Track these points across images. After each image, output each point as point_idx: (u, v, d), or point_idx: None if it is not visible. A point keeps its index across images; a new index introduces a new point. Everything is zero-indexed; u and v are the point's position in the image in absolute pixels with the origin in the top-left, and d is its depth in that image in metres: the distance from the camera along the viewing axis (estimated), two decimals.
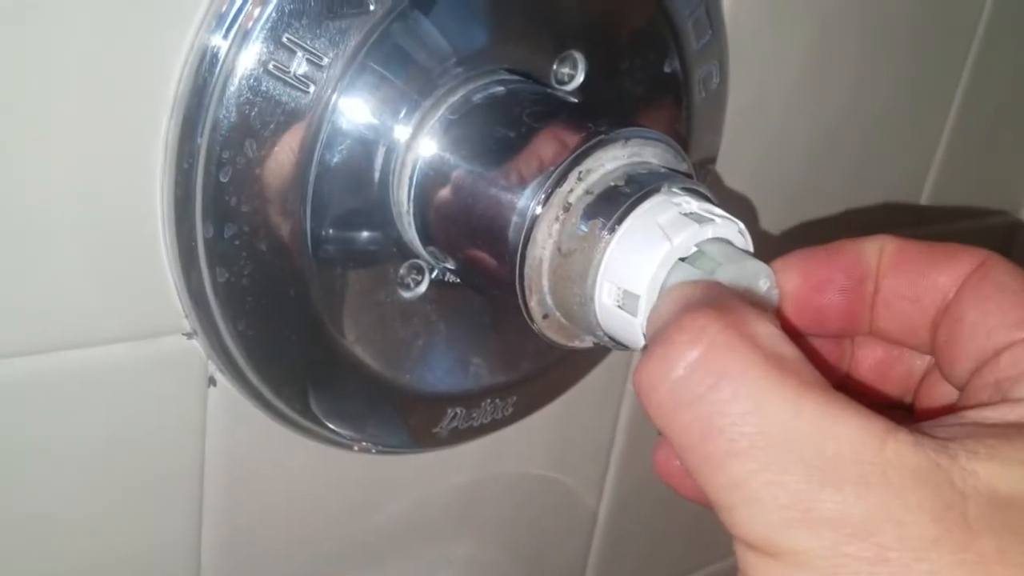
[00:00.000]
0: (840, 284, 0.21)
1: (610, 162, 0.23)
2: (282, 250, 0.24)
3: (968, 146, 0.47)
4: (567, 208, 0.23)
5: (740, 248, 0.21)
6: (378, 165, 0.26)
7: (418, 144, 0.26)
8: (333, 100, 0.23)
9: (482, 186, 0.25)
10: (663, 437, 0.17)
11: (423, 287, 0.28)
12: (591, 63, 0.28)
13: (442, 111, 0.26)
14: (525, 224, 0.23)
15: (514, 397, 0.32)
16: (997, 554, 0.14)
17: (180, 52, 0.23)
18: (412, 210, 0.26)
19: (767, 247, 0.22)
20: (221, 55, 0.22)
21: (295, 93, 0.23)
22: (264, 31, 0.22)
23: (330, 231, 0.25)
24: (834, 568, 0.14)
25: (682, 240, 0.20)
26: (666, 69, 0.30)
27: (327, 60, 0.23)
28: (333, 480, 0.31)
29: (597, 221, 0.22)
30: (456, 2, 0.25)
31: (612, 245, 0.21)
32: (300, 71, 0.22)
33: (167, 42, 0.23)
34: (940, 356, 0.20)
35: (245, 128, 0.22)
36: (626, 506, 0.42)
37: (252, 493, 0.30)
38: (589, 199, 0.22)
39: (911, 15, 0.41)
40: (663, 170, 0.23)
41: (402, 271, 0.28)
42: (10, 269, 0.23)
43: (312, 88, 0.23)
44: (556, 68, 0.28)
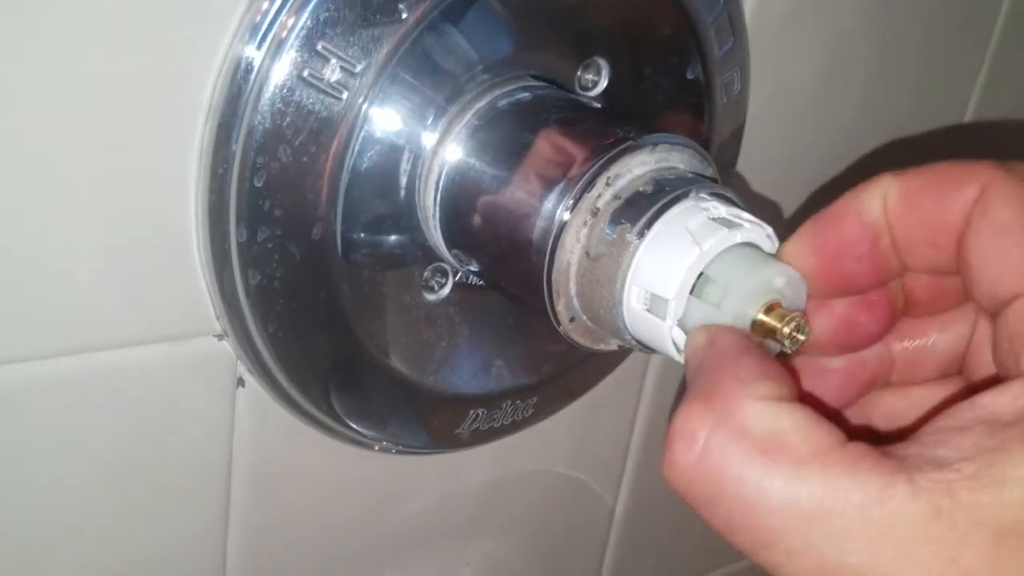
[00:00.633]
0: (855, 252, 0.20)
1: (638, 167, 0.23)
2: (313, 253, 0.25)
3: (984, 149, 0.48)
4: (595, 213, 0.23)
5: (755, 250, 0.21)
6: (405, 170, 0.26)
7: (445, 149, 0.26)
8: (364, 107, 0.24)
9: (508, 191, 0.25)
10: None
11: (447, 290, 0.29)
12: (615, 69, 0.29)
13: (469, 117, 0.26)
14: (553, 229, 0.23)
15: (535, 399, 0.33)
16: None
17: (214, 62, 0.23)
18: (438, 214, 0.27)
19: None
20: (255, 64, 0.23)
21: (328, 100, 0.23)
22: (299, 39, 0.22)
23: (360, 235, 0.26)
24: None
25: (711, 245, 0.21)
26: (689, 75, 0.30)
27: (360, 67, 0.23)
28: (357, 480, 0.32)
29: (625, 226, 0.22)
30: (484, 10, 0.26)
31: (641, 250, 0.22)
32: (334, 78, 0.23)
33: (201, 52, 0.23)
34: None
35: (279, 134, 0.23)
36: (643, 506, 0.42)
37: (277, 492, 0.30)
38: (617, 204, 0.23)
39: (927, 21, 0.41)
40: (691, 175, 0.23)
41: (427, 274, 0.28)
42: (45, 271, 0.23)
43: (345, 95, 0.23)
44: (580, 74, 0.28)
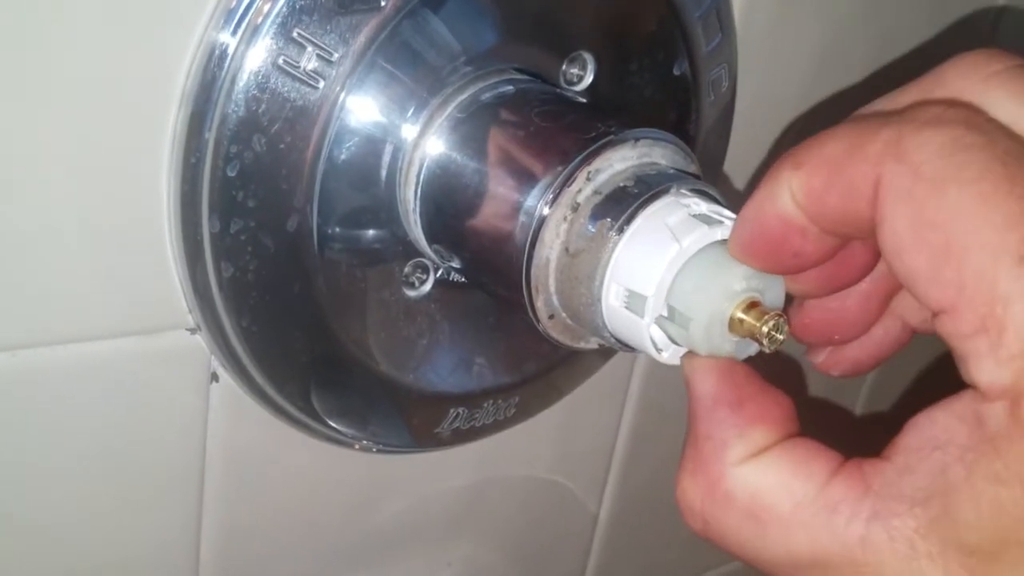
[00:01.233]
0: (791, 249, 0.19)
1: (619, 162, 0.23)
2: (288, 246, 0.24)
3: None
4: (575, 208, 0.22)
5: (717, 255, 0.20)
6: (385, 162, 0.25)
7: (426, 142, 0.25)
8: (342, 97, 0.23)
9: (490, 185, 0.24)
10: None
11: (428, 286, 0.28)
12: (600, 64, 0.28)
13: (450, 109, 0.26)
14: (533, 224, 0.23)
15: (516, 398, 0.32)
16: None
17: (188, 48, 0.23)
18: (418, 208, 0.26)
19: None
20: (230, 51, 0.22)
21: (304, 89, 0.23)
22: (275, 26, 0.22)
23: (336, 228, 0.25)
24: None
25: (691, 241, 0.20)
26: (676, 71, 0.30)
27: (337, 56, 0.23)
28: (334, 478, 0.31)
29: (605, 222, 0.22)
30: (466, 1, 0.25)
31: (620, 246, 0.21)
32: (310, 67, 0.22)
33: (176, 38, 0.22)
34: None
35: (253, 123, 0.22)
36: (627, 510, 0.42)
37: (252, 490, 0.30)
38: (598, 199, 0.22)
39: (921, 18, 0.41)
40: (672, 171, 0.23)
41: (407, 269, 0.28)
42: (15, 261, 0.23)
43: (321, 84, 0.23)
44: (565, 68, 0.28)
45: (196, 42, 0.22)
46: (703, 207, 0.21)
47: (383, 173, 0.26)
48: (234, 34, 0.22)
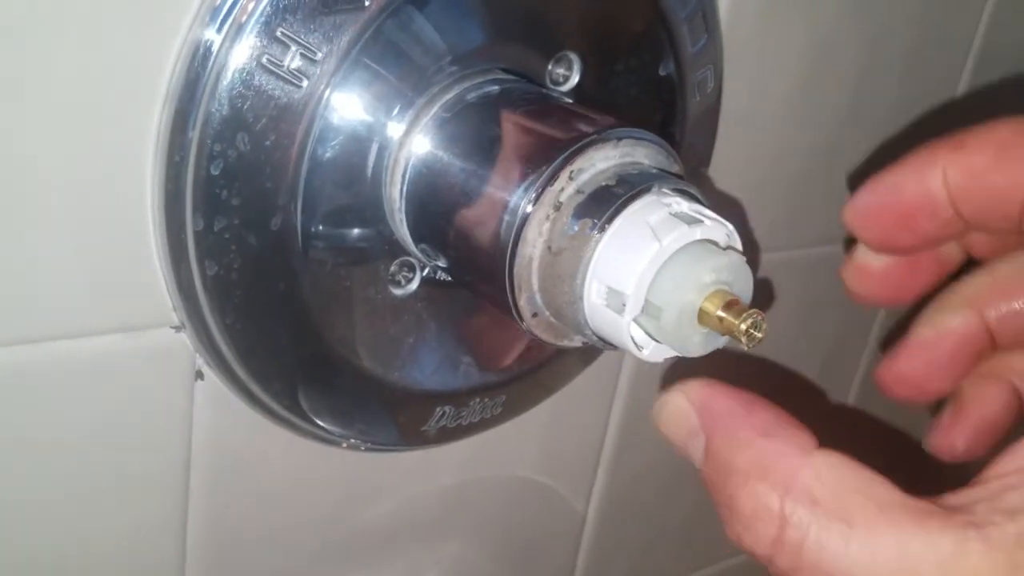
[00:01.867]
0: (914, 224, 0.20)
1: (602, 162, 0.23)
2: (272, 245, 0.24)
3: None
4: (558, 207, 0.23)
5: (695, 253, 0.20)
6: (371, 162, 0.26)
7: (411, 141, 0.26)
8: (326, 95, 0.23)
9: (474, 184, 0.25)
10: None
11: (414, 285, 0.28)
12: (586, 64, 0.28)
13: (436, 109, 0.26)
14: (516, 222, 0.23)
15: (503, 396, 0.32)
16: None
17: (173, 46, 0.23)
18: (404, 207, 0.26)
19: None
20: (214, 49, 0.22)
21: (288, 87, 0.23)
22: (258, 25, 0.22)
23: (321, 227, 0.25)
24: None
25: (672, 240, 0.20)
26: (661, 72, 0.30)
27: (321, 55, 0.23)
28: (320, 477, 0.31)
29: (587, 220, 0.22)
30: (451, 0, 0.25)
31: (602, 244, 0.21)
32: (293, 65, 0.22)
33: (160, 36, 0.23)
34: None
35: (237, 121, 0.22)
36: (616, 510, 0.42)
37: (239, 488, 0.30)
38: (580, 198, 0.22)
39: (909, 20, 0.41)
40: (654, 170, 0.23)
41: (393, 268, 0.28)
42: None
43: (305, 83, 0.23)
44: (551, 69, 0.28)
45: (181, 39, 0.22)
46: (684, 206, 0.21)
47: (368, 172, 0.26)
48: (219, 31, 0.22)
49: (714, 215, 0.21)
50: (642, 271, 0.20)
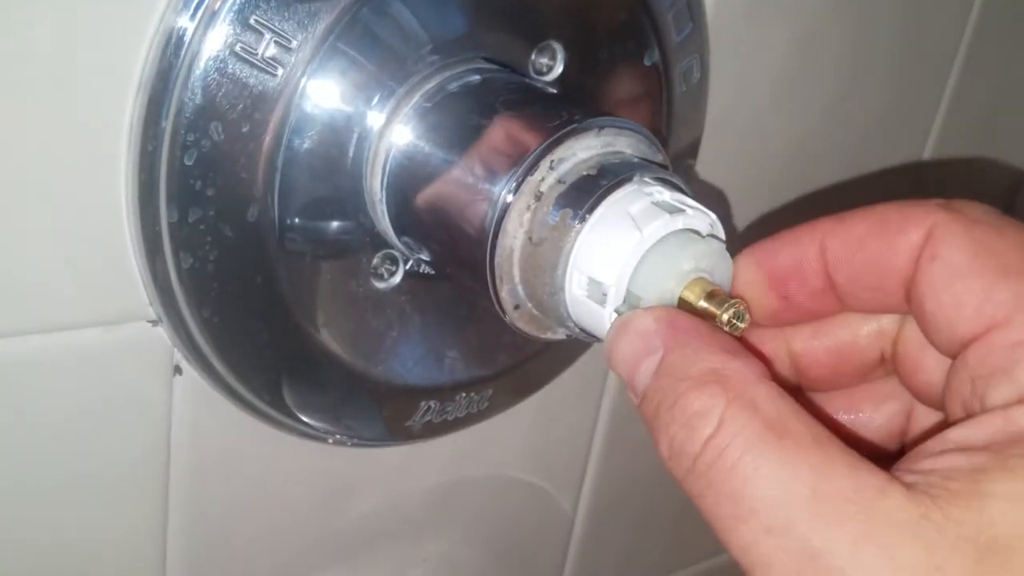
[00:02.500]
0: (798, 292, 0.21)
1: (583, 151, 0.22)
2: (248, 237, 0.24)
3: (957, 145, 0.47)
4: (538, 197, 0.22)
5: (676, 242, 0.20)
6: (351, 152, 0.25)
7: (392, 132, 0.25)
8: (303, 84, 0.23)
9: (455, 175, 0.24)
10: None
11: (397, 278, 0.28)
12: (570, 54, 0.28)
13: (417, 98, 0.25)
14: (496, 213, 0.22)
15: (489, 391, 0.32)
16: None
17: (146, 33, 0.22)
18: (385, 199, 0.26)
19: (745, 244, 0.22)
20: (187, 37, 0.22)
21: (263, 76, 0.22)
22: (231, 12, 0.22)
23: (299, 219, 0.25)
24: None
25: (652, 230, 0.20)
26: (646, 62, 0.29)
27: (296, 43, 0.22)
28: (302, 472, 0.31)
29: (568, 210, 0.21)
30: None
31: (583, 235, 0.21)
32: (268, 53, 0.22)
33: (133, 23, 0.22)
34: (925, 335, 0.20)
35: (211, 111, 0.22)
36: (604, 509, 0.42)
37: (219, 484, 0.29)
38: (561, 188, 0.22)
39: (899, 9, 0.40)
40: (636, 160, 0.23)
41: (375, 261, 0.27)
42: None
43: (280, 71, 0.22)
44: (535, 58, 0.28)
45: (154, 27, 0.22)
46: (666, 195, 0.21)
47: (348, 163, 0.25)
48: (192, 18, 0.22)
49: (697, 204, 0.21)
50: (623, 261, 0.20)
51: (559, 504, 0.40)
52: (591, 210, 0.21)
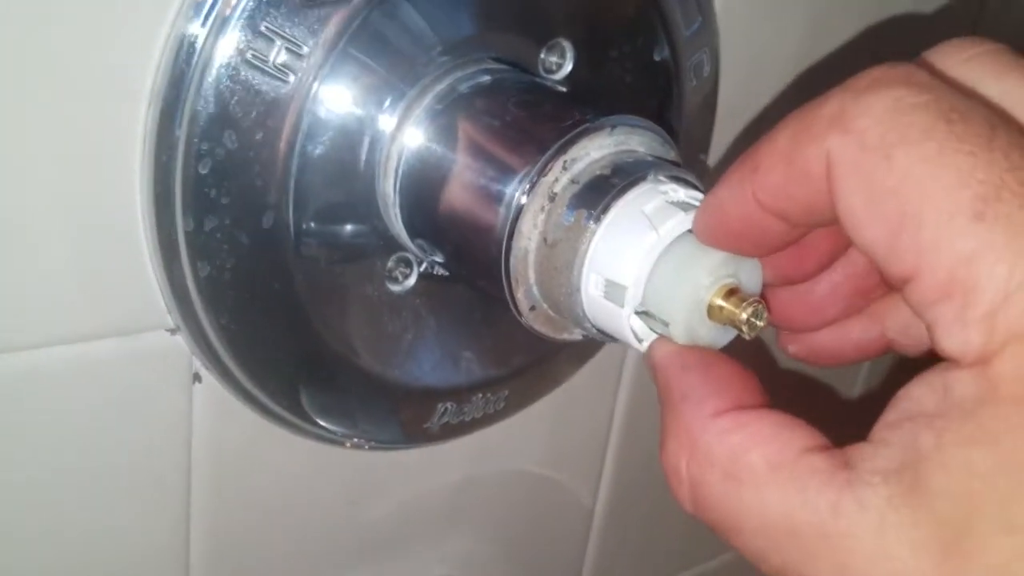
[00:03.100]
0: (753, 242, 0.19)
1: (596, 151, 0.22)
2: (264, 243, 0.24)
3: None
4: (552, 198, 0.22)
5: (692, 244, 0.20)
6: (363, 156, 0.25)
7: (403, 134, 0.25)
8: (314, 89, 0.23)
9: (468, 177, 0.24)
10: None
11: (412, 280, 0.28)
12: (579, 51, 0.28)
13: (428, 101, 0.25)
14: (510, 215, 0.22)
15: (506, 391, 0.32)
16: None
17: (157, 42, 0.22)
18: (399, 202, 0.26)
19: None
20: (199, 45, 0.22)
21: (274, 83, 0.22)
22: (242, 20, 0.22)
23: (314, 224, 0.25)
24: None
25: (668, 229, 0.20)
26: (656, 57, 0.29)
27: (307, 49, 0.22)
28: (323, 477, 0.31)
29: (583, 211, 0.21)
30: None
31: (598, 235, 0.21)
32: (279, 60, 0.22)
33: (144, 32, 0.22)
34: None
35: (224, 119, 0.22)
36: (624, 502, 0.42)
37: (241, 490, 0.29)
38: (575, 188, 0.22)
39: (909, 2, 0.40)
40: (650, 158, 0.22)
41: (390, 264, 0.27)
42: None
43: (292, 77, 0.22)
44: (544, 57, 0.28)
45: (165, 35, 0.22)
46: (681, 193, 0.21)
47: (361, 167, 0.25)
48: (203, 25, 0.22)
49: None
50: (640, 262, 0.20)
51: (578, 498, 0.40)
52: (606, 210, 0.21)
